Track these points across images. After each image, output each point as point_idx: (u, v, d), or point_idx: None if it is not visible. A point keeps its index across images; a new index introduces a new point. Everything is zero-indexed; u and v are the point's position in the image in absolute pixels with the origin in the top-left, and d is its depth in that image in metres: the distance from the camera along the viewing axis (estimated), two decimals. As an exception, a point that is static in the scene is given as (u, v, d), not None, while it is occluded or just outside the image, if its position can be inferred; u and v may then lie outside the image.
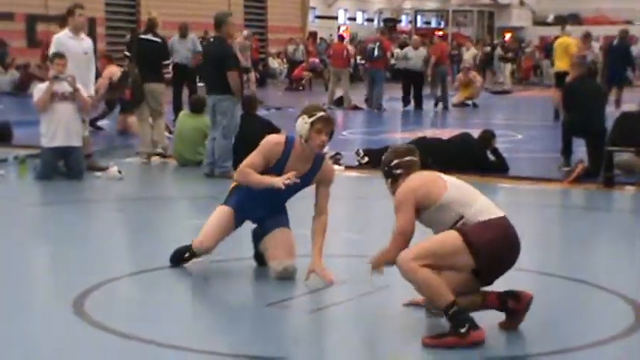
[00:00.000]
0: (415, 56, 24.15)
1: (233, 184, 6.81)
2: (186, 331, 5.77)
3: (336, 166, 10.46)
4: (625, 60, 21.67)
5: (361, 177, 12.06)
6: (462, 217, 5.43)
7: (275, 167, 6.50)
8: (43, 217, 9.91)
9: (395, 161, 5.69)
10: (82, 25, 12.14)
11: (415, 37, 27.10)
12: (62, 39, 11.82)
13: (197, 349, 5.37)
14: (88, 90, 11.75)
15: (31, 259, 7.94)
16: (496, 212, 5.54)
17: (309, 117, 6.34)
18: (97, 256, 7.69)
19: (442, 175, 5.68)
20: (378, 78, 23.61)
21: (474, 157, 12.22)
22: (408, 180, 5.59)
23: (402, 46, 28.35)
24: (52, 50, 11.80)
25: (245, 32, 24.83)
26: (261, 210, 6.68)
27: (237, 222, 6.78)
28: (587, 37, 22.34)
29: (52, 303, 6.42)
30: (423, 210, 5.50)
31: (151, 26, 13.28)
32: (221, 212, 6.74)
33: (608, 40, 34.86)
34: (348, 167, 12.45)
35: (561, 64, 20.00)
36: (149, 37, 13.25)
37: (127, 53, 14.51)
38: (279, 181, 6.36)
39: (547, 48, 36.94)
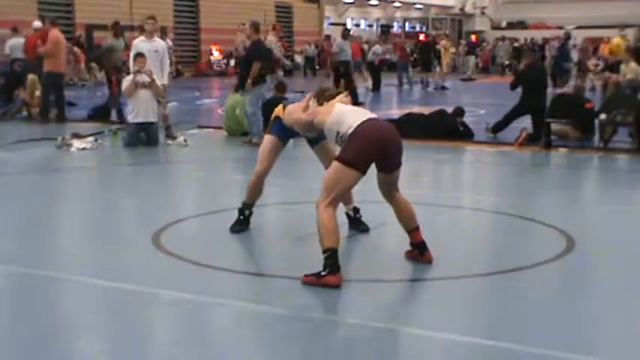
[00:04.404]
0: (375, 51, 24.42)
1: (273, 116, 6.20)
2: (234, 258, 5.76)
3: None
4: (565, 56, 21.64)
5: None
6: (338, 133, 5.16)
7: None
8: (130, 173, 9.93)
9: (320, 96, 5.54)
10: (151, 31, 11.76)
11: (376, 38, 26.94)
12: (137, 42, 11.73)
13: (241, 270, 5.38)
14: (161, 79, 11.68)
15: (121, 203, 7.97)
16: (360, 119, 5.11)
17: None
18: (169, 202, 7.72)
19: (337, 104, 5.36)
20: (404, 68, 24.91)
21: (448, 128, 12.14)
22: (325, 106, 5.42)
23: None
24: (132, 51, 11.73)
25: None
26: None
27: (283, 143, 6.24)
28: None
29: (136, 236, 6.46)
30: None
31: None
32: (268, 139, 6.19)
33: (545, 42, 34.45)
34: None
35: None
36: None
37: None
38: None
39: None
